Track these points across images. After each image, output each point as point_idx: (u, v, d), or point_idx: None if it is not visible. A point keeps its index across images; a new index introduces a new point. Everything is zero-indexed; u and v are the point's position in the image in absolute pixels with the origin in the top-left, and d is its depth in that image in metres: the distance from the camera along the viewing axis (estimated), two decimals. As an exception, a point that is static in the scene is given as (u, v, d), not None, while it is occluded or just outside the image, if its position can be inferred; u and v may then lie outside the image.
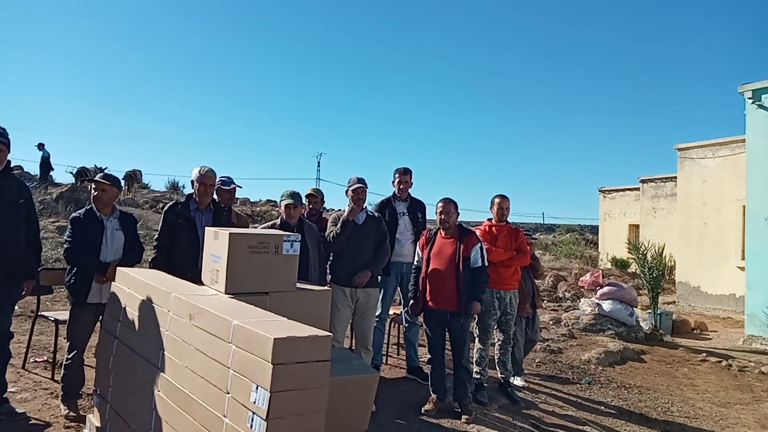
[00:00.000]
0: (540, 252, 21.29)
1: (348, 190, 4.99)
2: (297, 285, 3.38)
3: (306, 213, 5.64)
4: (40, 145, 18.91)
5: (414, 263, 4.98)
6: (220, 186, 4.87)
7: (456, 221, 4.81)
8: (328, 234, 4.83)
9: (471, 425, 4.42)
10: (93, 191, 4.16)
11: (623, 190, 21.27)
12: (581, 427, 4.77)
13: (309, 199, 5.71)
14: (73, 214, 4.20)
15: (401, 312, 5.82)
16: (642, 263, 9.64)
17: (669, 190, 17.52)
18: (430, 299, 4.70)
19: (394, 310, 5.95)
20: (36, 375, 4.76)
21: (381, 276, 5.14)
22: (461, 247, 4.63)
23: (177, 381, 2.64)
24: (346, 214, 4.81)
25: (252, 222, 17.06)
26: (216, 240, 3.30)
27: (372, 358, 5.02)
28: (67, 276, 4.06)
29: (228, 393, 2.25)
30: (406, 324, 5.65)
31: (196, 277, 3.78)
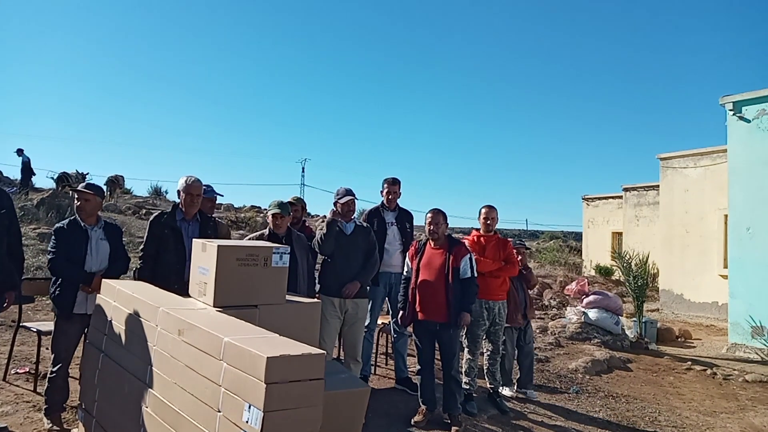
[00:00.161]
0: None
1: (337, 202, 4.97)
2: (286, 297, 3.36)
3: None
4: (19, 151, 18.63)
5: (403, 274, 4.96)
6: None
7: (445, 232, 4.81)
8: (316, 239, 4.83)
9: (460, 437, 4.40)
10: (76, 201, 4.09)
11: (606, 198, 21.48)
12: (570, 438, 4.78)
13: (291, 207, 5.68)
14: (57, 224, 4.14)
15: (389, 322, 5.80)
16: (627, 272, 9.72)
17: (651, 198, 17.73)
18: (419, 310, 4.69)
19: (382, 320, 5.92)
20: (17, 387, 4.66)
21: (370, 286, 5.11)
22: (450, 258, 4.62)
23: (166, 398, 2.59)
24: (331, 217, 4.83)
25: (236, 228, 16.98)
26: (204, 252, 3.26)
27: (361, 369, 4.98)
28: (52, 287, 3.98)
29: (219, 411, 2.21)
30: (394, 335, 5.63)
31: (182, 288, 3.73)
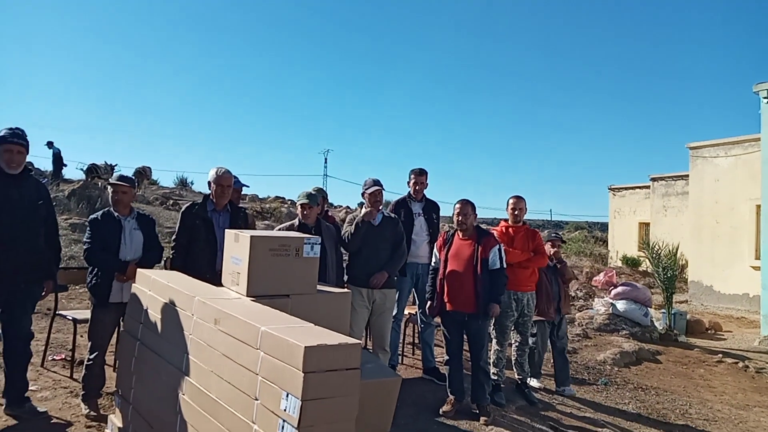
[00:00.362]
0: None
1: (365, 192, 4.98)
2: (317, 287, 3.38)
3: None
4: (49, 144, 18.99)
5: (431, 264, 4.96)
6: None
7: (473, 223, 4.78)
8: (344, 234, 4.83)
9: (489, 427, 4.41)
10: (113, 194, 4.17)
11: (633, 188, 21.16)
12: (600, 429, 4.75)
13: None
14: (92, 215, 4.23)
15: (416, 312, 5.81)
16: (656, 263, 9.57)
17: (680, 188, 17.42)
18: (447, 301, 4.68)
19: (408, 310, 5.93)
20: (55, 373, 4.78)
21: (397, 277, 5.12)
22: (479, 249, 4.60)
23: (202, 385, 2.63)
24: (361, 215, 4.80)
25: (261, 219, 17.13)
26: (237, 242, 3.29)
27: (388, 358, 5.01)
28: (89, 277, 4.07)
29: (257, 399, 2.24)
30: (421, 325, 5.63)
31: (213, 278, 3.78)
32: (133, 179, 4.48)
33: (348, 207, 28.25)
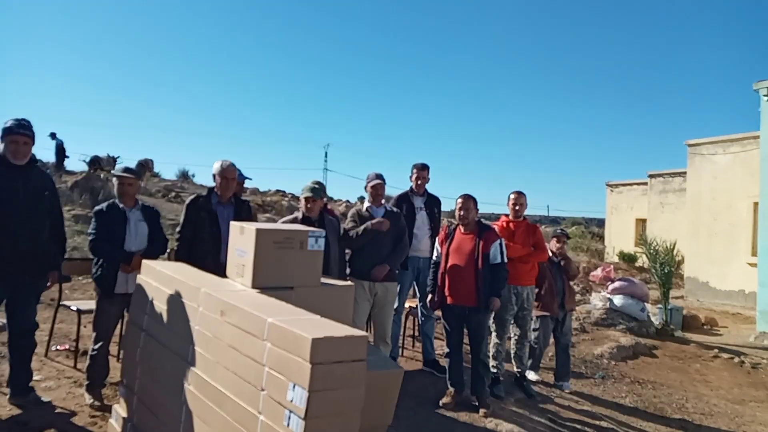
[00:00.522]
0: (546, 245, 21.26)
1: (367, 186, 5.04)
2: (321, 280, 3.42)
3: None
4: (52, 135, 18.92)
5: (433, 258, 5.00)
6: None
7: (475, 217, 4.82)
8: (347, 229, 4.87)
9: (489, 419, 4.46)
10: (118, 186, 4.20)
11: (631, 184, 21.21)
12: (597, 422, 4.81)
13: None
14: (97, 207, 4.26)
15: (416, 305, 5.86)
16: (653, 259, 9.63)
17: (677, 185, 17.47)
18: (448, 294, 4.73)
19: (409, 303, 5.98)
20: (59, 363, 4.82)
21: (399, 270, 5.16)
22: (480, 243, 4.64)
23: (208, 376, 2.67)
24: (372, 223, 4.79)
25: (262, 212, 17.15)
26: (242, 235, 3.32)
27: (390, 350, 5.06)
28: (94, 267, 4.11)
29: (263, 390, 2.28)
30: (422, 318, 5.68)
31: (217, 270, 3.81)
32: (138, 171, 4.52)
33: (348, 201, 28.29)
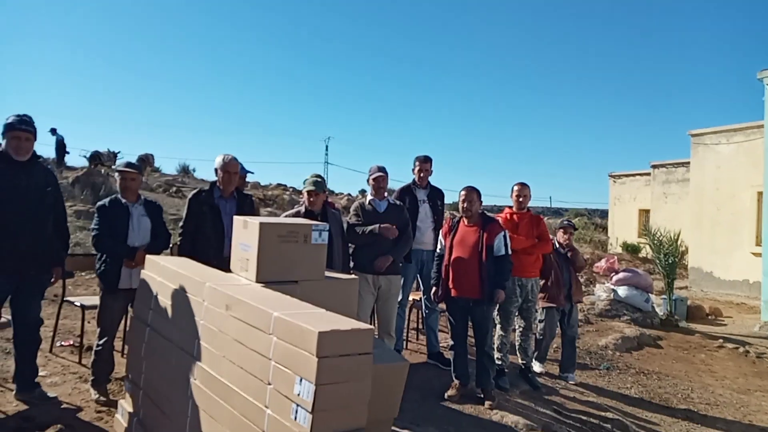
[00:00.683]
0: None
1: (369, 178, 5.02)
2: (325, 274, 3.40)
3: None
4: (52, 130, 18.90)
5: (437, 251, 4.98)
6: None
7: (479, 209, 4.80)
8: (352, 223, 4.86)
9: (494, 411, 4.45)
10: (121, 181, 4.18)
11: (633, 175, 21.15)
12: (603, 413, 4.81)
13: None
14: (99, 202, 4.25)
15: (420, 298, 5.85)
16: (657, 249, 9.60)
17: (680, 175, 17.42)
18: (452, 287, 4.71)
19: (413, 296, 5.97)
20: (63, 359, 4.83)
21: (402, 263, 5.15)
22: (484, 236, 4.62)
23: (214, 370, 2.66)
24: (381, 227, 4.75)
25: (264, 206, 17.13)
26: (246, 229, 3.31)
27: (394, 344, 5.05)
28: (98, 263, 4.10)
29: (270, 384, 2.27)
30: (426, 311, 5.67)
31: (220, 264, 3.80)
32: (139, 165, 4.51)
33: (349, 194, 28.27)
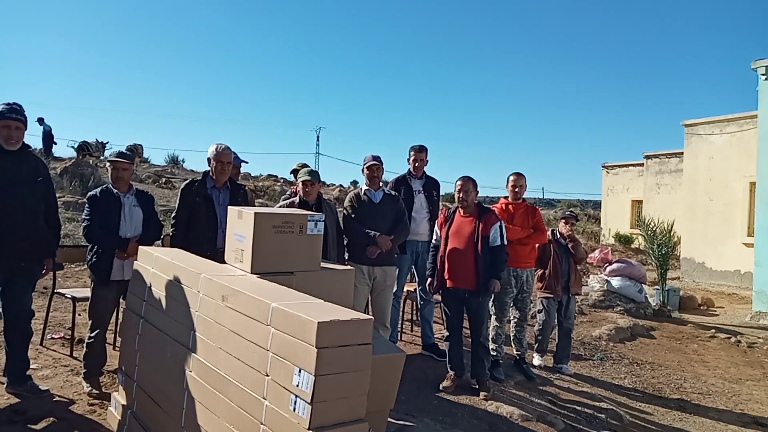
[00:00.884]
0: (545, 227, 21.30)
1: (363, 168, 4.99)
2: (321, 264, 3.37)
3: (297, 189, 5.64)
4: (40, 120, 18.70)
5: (432, 242, 4.96)
6: None
7: (474, 199, 4.77)
8: (348, 214, 4.85)
9: (489, 402, 4.45)
10: (112, 171, 4.12)
11: (626, 165, 21.22)
12: (597, 404, 4.82)
13: (296, 175, 5.72)
14: (90, 193, 4.18)
15: (415, 289, 5.83)
16: (650, 240, 9.64)
17: (673, 165, 17.49)
18: (448, 278, 4.69)
19: (407, 287, 5.95)
20: (54, 352, 4.77)
21: (397, 254, 5.12)
22: (480, 226, 4.60)
23: (210, 362, 2.63)
24: (378, 238, 4.69)
25: (255, 197, 17.04)
26: (240, 219, 3.26)
27: (389, 335, 5.03)
28: (89, 254, 4.04)
29: (267, 375, 2.24)
30: (421, 302, 5.65)
31: (214, 255, 3.77)
32: (131, 155, 4.44)
33: (341, 185, 28.19)
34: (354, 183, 32.35)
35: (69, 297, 4.89)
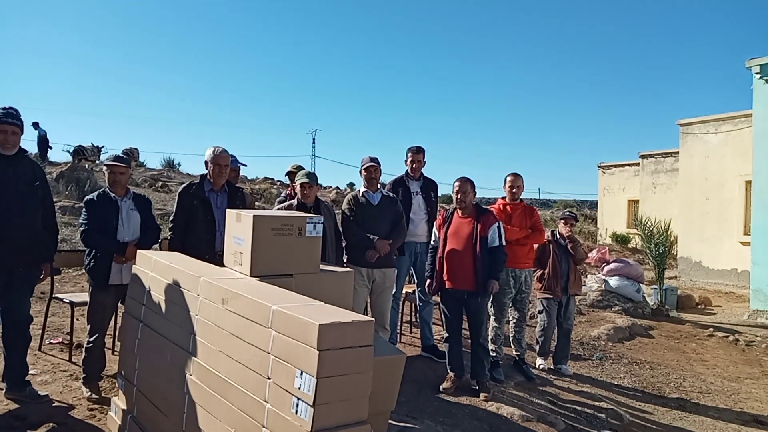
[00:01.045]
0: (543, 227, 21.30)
1: (361, 169, 4.99)
2: (320, 267, 3.37)
3: (292, 190, 5.66)
4: (34, 124, 18.62)
5: (431, 243, 4.95)
6: None
7: (473, 200, 4.78)
8: (347, 216, 4.87)
9: (490, 402, 4.45)
10: (109, 175, 4.11)
11: (622, 165, 21.26)
12: (597, 403, 4.82)
13: (291, 177, 5.74)
14: (87, 197, 4.17)
15: (413, 291, 5.83)
16: (648, 239, 9.66)
17: (669, 165, 17.53)
18: (447, 279, 4.69)
19: (406, 289, 5.95)
20: (53, 357, 4.75)
21: (396, 255, 5.12)
22: (478, 227, 4.60)
23: (211, 365, 2.62)
24: (377, 243, 4.71)
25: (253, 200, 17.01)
26: (239, 222, 3.26)
27: (388, 337, 5.03)
28: (87, 259, 4.03)
29: (269, 378, 2.24)
30: (420, 303, 5.65)
31: (212, 259, 3.76)
32: (128, 159, 4.43)
33: (338, 187, 28.17)
34: (350, 185, 32.34)
35: (67, 302, 4.87)
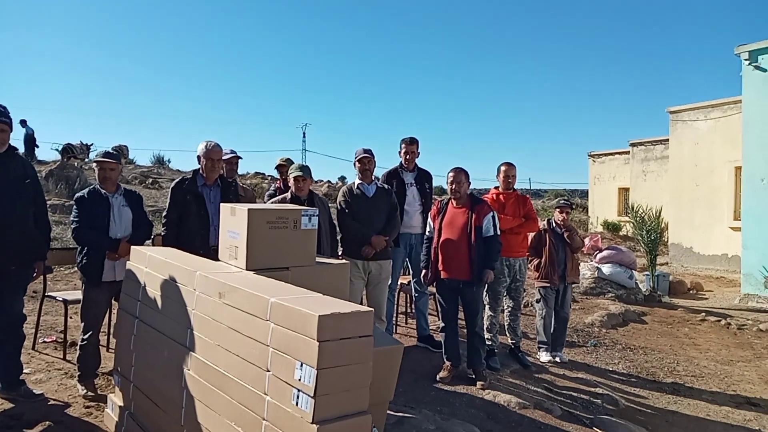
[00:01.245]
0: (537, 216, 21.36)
1: (355, 161, 4.98)
2: (316, 259, 3.36)
3: (281, 184, 5.65)
4: (22, 122, 18.45)
5: (426, 234, 4.96)
6: None
7: (467, 191, 4.78)
8: (342, 208, 4.86)
9: (486, 391, 4.47)
10: (100, 172, 4.07)
11: (613, 154, 21.35)
12: (593, 389, 4.86)
13: (280, 170, 5.73)
14: (78, 194, 4.13)
15: (409, 282, 5.83)
16: (639, 226, 9.72)
17: (659, 152, 17.63)
18: (442, 269, 4.70)
19: (402, 280, 5.95)
20: (47, 355, 4.72)
21: (391, 247, 5.12)
22: (473, 217, 4.61)
23: (209, 360, 2.61)
24: (374, 239, 4.74)
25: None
26: (233, 216, 3.24)
27: (385, 328, 5.04)
28: (79, 256, 3.99)
29: (268, 371, 2.23)
30: (415, 294, 5.66)
31: (206, 253, 3.74)
32: (118, 155, 4.39)
33: (329, 181, 28.11)
34: (342, 179, 32.28)
35: (60, 300, 4.84)
